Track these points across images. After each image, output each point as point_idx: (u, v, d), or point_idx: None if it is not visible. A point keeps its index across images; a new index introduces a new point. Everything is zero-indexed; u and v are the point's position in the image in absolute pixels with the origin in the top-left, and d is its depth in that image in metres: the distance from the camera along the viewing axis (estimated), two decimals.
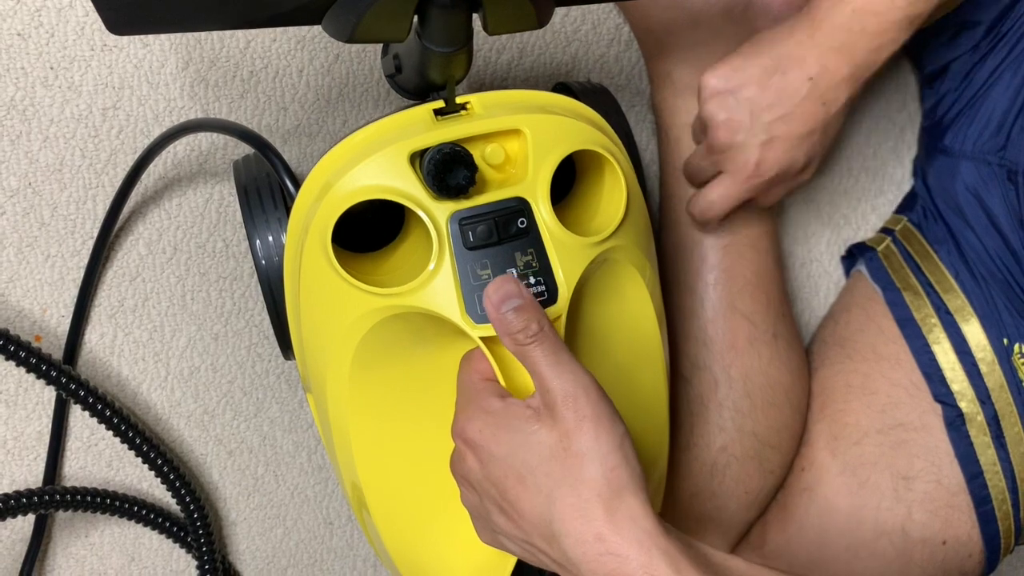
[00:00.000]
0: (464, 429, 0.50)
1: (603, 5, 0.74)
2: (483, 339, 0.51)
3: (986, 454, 0.73)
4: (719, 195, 0.69)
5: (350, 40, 0.47)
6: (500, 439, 0.48)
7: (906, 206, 0.83)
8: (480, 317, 0.51)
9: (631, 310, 0.58)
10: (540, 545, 0.48)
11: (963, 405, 0.73)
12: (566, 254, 0.52)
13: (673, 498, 0.75)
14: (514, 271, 0.52)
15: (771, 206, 0.73)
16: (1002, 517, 0.73)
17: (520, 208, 0.52)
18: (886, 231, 0.83)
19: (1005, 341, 0.72)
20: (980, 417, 0.73)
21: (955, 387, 0.73)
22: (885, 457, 0.74)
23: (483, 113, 0.53)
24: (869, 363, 0.77)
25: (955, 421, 0.73)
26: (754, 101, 0.65)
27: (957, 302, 0.74)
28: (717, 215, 0.70)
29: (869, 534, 0.74)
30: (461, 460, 0.51)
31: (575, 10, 0.74)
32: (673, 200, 0.76)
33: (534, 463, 0.47)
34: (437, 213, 0.51)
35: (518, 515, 0.48)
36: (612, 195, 0.56)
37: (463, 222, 0.51)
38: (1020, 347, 0.71)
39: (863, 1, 0.62)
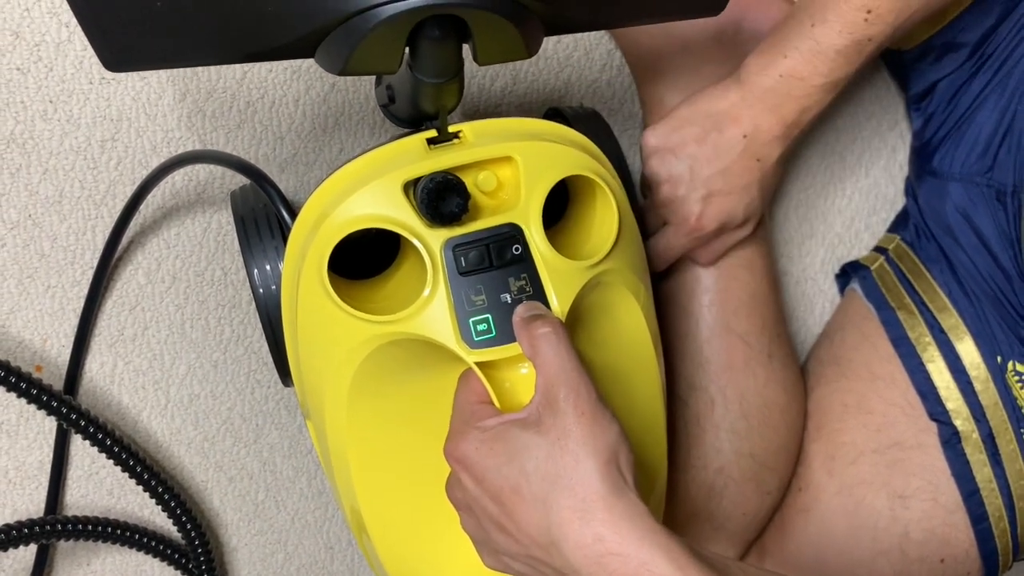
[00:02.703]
0: (456, 447, 0.50)
1: (595, 32, 0.75)
2: (478, 363, 0.51)
3: (982, 472, 0.73)
4: (663, 246, 0.72)
5: (342, 72, 0.48)
6: (494, 450, 0.48)
7: (899, 225, 0.84)
8: (475, 342, 0.52)
9: (626, 332, 0.59)
10: (541, 556, 0.48)
11: (958, 423, 0.73)
12: (559, 278, 0.53)
13: (670, 520, 0.75)
14: (508, 296, 0.52)
15: (713, 261, 0.75)
16: (999, 534, 0.73)
17: (513, 234, 0.52)
18: (879, 250, 0.83)
19: (999, 359, 0.73)
20: (975, 435, 0.73)
21: (950, 405, 0.74)
22: (881, 476, 0.74)
23: (475, 141, 0.54)
24: (864, 382, 0.78)
25: (951, 439, 0.73)
26: (694, 157, 0.68)
27: (951, 320, 0.75)
28: (661, 265, 0.73)
29: (867, 554, 0.74)
30: (456, 483, 0.51)
31: (567, 37, 0.75)
32: None
33: (529, 468, 0.47)
34: (431, 240, 0.52)
35: (517, 528, 0.48)
36: (604, 219, 0.57)
37: (457, 248, 0.52)
38: (1014, 364, 0.72)
39: (788, 68, 0.65)
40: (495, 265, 0.52)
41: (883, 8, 0.62)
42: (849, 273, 0.84)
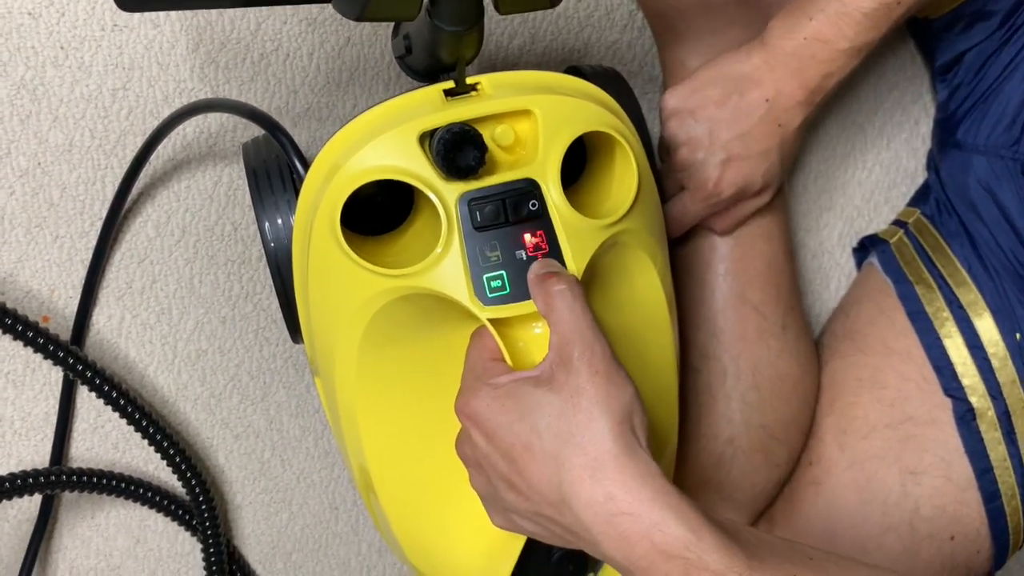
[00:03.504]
0: (468, 403, 0.50)
1: None
2: (491, 320, 0.51)
3: (996, 450, 0.72)
4: (679, 211, 0.71)
5: (360, 18, 0.47)
6: (506, 407, 0.48)
7: (919, 198, 0.83)
8: (488, 299, 0.51)
9: (641, 294, 0.58)
10: (551, 514, 0.47)
11: (974, 400, 0.72)
12: (576, 236, 0.52)
13: (679, 488, 0.74)
14: (523, 253, 0.51)
15: (729, 230, 0.73)
16: (1011, 513, 0.72)
17: (530, 189, 0.51)
18: (899, 223, 0.82)
19: (1018, 336, 0.72)
20: (991, 412, 0.72)
21: (966, 381, 0.73)
22: (893, 451, 0.73)
23: (493, 93, 0.53)
24: (879, 356, 0.77)
25: (965, 416, 0.72)
26: (713, 120, 0.67)
27: (970, 296, 0.74)
28: (677, 231, 0.72)
29: (876, 529, 0.73)
30: (467, 439, 0.51)
31: None
32: None
33: (541, 426, 0.46)
34: (446, 194, 0.51)
35: (527, 485, 0.47)
36: (623, 178, 0.56)
37: (472, 203, 0.51)
38: None
39: (813, 31, 0.64)
40: (511, 221, 0.51)
41: None
42: (867, 246, 0.83)
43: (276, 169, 0.60)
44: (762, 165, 0.68)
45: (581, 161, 0.61)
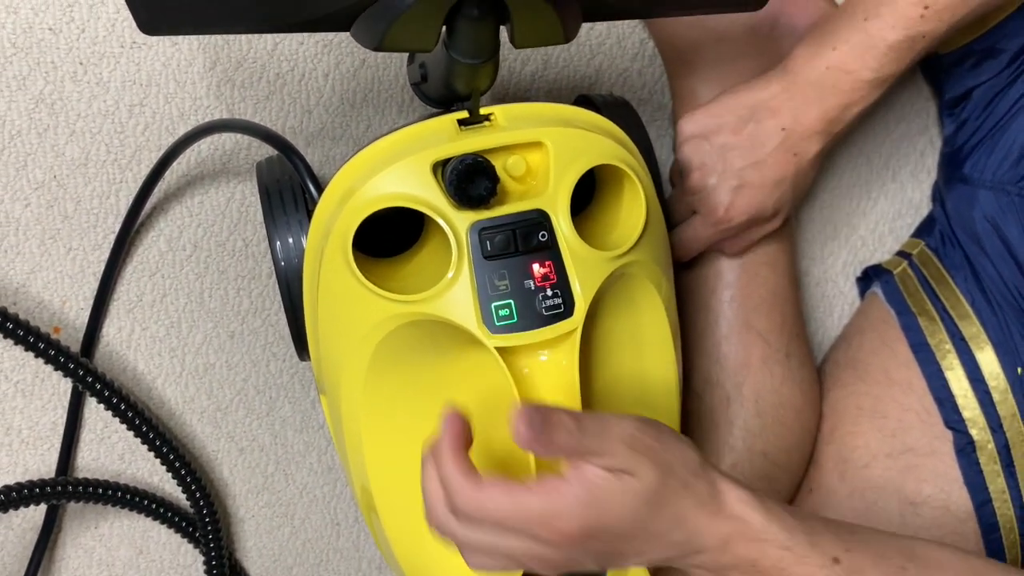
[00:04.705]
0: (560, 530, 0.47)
1: (628, 20, 0.74)
2: (498, 349, 0.51)
3: (995, 482, 0.72)
4: (688, 236, 0.71)
5: (378, 48, 0.48)
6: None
7: (924, 230, 0.83)
8: (496, 327, 0.51)
9: (646, 325, 0.59)
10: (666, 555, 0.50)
11: (974, 432, 0.73)
12: (584, 267, 0.52)
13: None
14: (531, 283, 0.52)
15: (739, 253, 0.73)
16: (1009, 545, 0.73)
17: (540, 220, 0.52)
18: (903, 254, 0.83)
19: (1020, 370, 0.72)
20: (991, 445, 0.72)
21: (967, 414, 0.73)
22: (893, 482, 0.74)
23: (506, 125, 0.54)
24: (881, 387, 0.77)
25: (965, 448, 0.73)
26: (728, 146, 0.67)
27: (972, 329, 0.74)
28: (686, 255, 0.72)
29: None
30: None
31: (601, 24, 0.74)
32: None
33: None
34: (457, 222, 0.51)
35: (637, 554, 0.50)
36: (631, 210, 0.56)
37: (483, 232, 0.51)
38: None
39: (836, 60, 0.64)
40: (520, 251, 0.52)
41: (940, 4, 0.61)
42: (871, 276, 0.84)
43: (289, 189, 0.61)
44: (774, 194, 0.68)
45: (590, 190, 0.61)
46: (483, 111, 0.54)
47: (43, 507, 0.72)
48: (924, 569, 0.52)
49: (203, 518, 0.73)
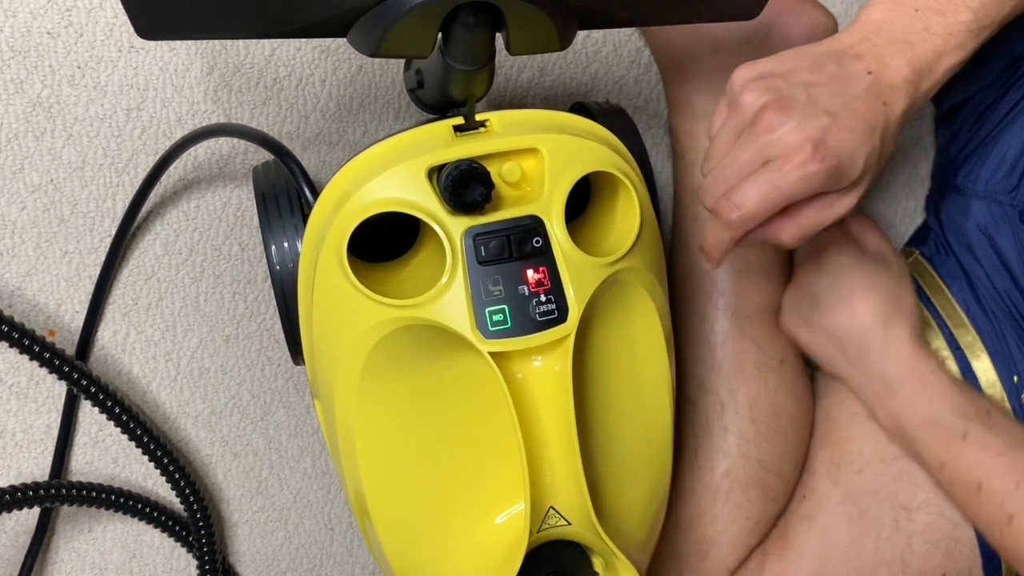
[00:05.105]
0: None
1: (624, 28, 0.75)
2: (492, 354, 0.51)
3: None
4: (759, 190, 0.56)
5: (375, 55, 0.48)
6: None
7: (918, 239, 0.83)
8: (489, 332, 0.51)
9: (640, 332, 0.59)
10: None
11: None
12: (578, 273, 0.53)
13: (675, 520, 0.75)
14: (525, 288, 0.52)
15: (798, 239, 0.60)
16: None
17: (534, 226, 0.52)
18: None
19: (1015, 379, 0.72)
20: None
21: None
22: (887, 487, 0.74)
23: (501, 131, 0.54)
24: None
25: None
26: (809, 83, 0.56)
27: (968, 338, 0.74)
28: (750, 215, 0.56)
29: (868, 564, 0.74)
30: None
31: (597, 32, 0.74)
32: (686, 223, 0.76)
33: None
34: (452, 228, 0.51)
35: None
36: (626, 217, 0.56)
37: (477, 237, 0.51)
38: None
39: (927, 1, 0.56)
40: (515, 256, 0.52)
41: None
42: None
43: (285, 194, 0.61)
44: (866, 145, 0.55)
45: (585, 197, 0.62)
46: (479, 117, 0.54)
47: (36, 510, 0.72)
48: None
49: (197, 522, 0.73)
